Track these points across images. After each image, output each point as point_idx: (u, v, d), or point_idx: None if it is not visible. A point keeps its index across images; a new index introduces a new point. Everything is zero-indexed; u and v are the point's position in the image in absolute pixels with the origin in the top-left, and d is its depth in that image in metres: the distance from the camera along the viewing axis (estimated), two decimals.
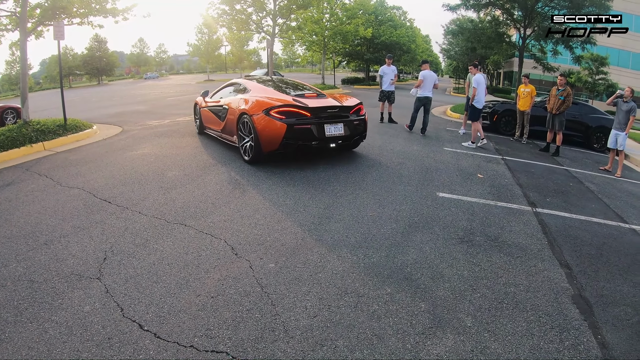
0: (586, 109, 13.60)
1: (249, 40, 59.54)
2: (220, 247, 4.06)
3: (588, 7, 27.49)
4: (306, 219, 4.85)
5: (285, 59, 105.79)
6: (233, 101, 7.78)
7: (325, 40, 32.72)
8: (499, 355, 2.82)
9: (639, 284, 4.14)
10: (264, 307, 3.13)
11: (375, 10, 47.66)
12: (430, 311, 3.24)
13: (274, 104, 6.70)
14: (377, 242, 4.37)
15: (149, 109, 16.59)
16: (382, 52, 45.23)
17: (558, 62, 35.12)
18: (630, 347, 3.11)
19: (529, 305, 3.48)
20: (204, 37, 62.53)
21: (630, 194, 7.91)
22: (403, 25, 54.97)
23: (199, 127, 10.02)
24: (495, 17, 33.88)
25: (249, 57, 70.52)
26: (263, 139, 6.68)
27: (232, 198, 5.45)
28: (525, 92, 12.08)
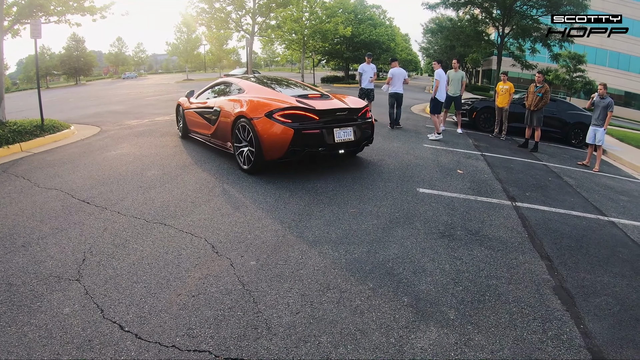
0: (564, 106, 13.90)
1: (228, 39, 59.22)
2: (200, 246, 4.02)
3: (566, 6, 28.08)
4: (287, 216, 4.83)
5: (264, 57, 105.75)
6: (226, 102, 7.03)
7: (305, 39, 32.79)
8: (483, 347, 2.84)
9: (619, 275, 4.24)
10: (245, 304, 3.10)
11: (354, 9, 47.93)
12: (413, 305, 3.26)
13: (277, 106, 6.02)
14: (358, 238, 4.37)
15: (128, 108, 16.36)
16: (361, 51, 45.45)
17: (536, 60, 35.84)
18: (612, 336, 3.18)
19: (511, 297, 3.52)
20: (182, 36, 61.95)
21: (608, 187, 8.09)
22: (382, 24, 55.43)
23: (182, 131, 9.21)
24: (474, 15, 34.37)
25: (228, 56, 70.25)
26: (266, 146, 5.97)
27: (212, 196, 5.40)
28: (504, 89, 12.26)
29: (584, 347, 2.99)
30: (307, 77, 36.05)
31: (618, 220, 6.01)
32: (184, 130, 9.12)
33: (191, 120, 8.57)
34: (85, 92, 35.19)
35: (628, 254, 4.84)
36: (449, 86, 12.26)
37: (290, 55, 40.75)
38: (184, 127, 9.04)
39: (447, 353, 2.76)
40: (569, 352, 2.91)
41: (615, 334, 3.22)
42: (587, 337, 3.12)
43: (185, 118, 8.85)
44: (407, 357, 2.70)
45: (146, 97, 22.72)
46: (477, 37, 34.04)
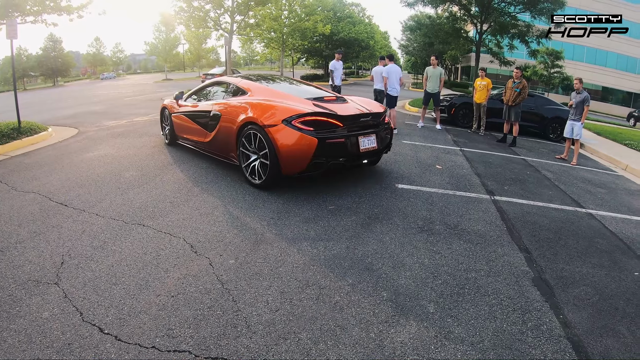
0: (542, 101, 14.16)
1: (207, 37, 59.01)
2: (179, 246, 3.99)
3: (544, 4, 28.57)
4: (265, 214, 4.82)
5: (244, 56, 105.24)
6: (228, 106, 6.25)
7: (284, 37, 32.80)
8: (463, 340, 2.87)
9: (598, 265, 4.34)
10: (225, 303, 3.09)
11: (334, 7, 48.00)
12: (392, 300, 3.27)
13: (297, 111, 5.32)
14: (337, 235, 4.38)
15: (106, 109, 16.13)
16: (341, 48, 45.54)
17: (514, 56, 36.33)
18: (592, 325, 3.24)
19: (491, 290, 3.57)
20: (161, 35, 61.35)
21: (585, 180, 8.25)
22: (362, 21, 55.67)
23: (169, 137, 8.32)
24: (453, 13, 34.72)
25: (207, 55, 69.77)
26: (285, 158, 5.25)
27: (191, 196, 5.36)
28: (482, 85, 12.42)
29: (564, 336, 3.05)
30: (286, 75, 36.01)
31: (596, 212, 6.14)
32: (171, 136, 8.25)
33: (181, 126, 7.69)
34: (63, 93, 34.60)
35: (606, 245, 4.94)
36: (427, 82, 12.37)
37: (269, 53, 40.69)
38: (172, 133, 8.21)
39: (427, 346, 2.78)
40: (549, 342, 2.95)
41: (595, 323, 3.28)
42: (566, 327, 3.18)
43: (174, 123, 8.00)
44: (387, 352, 2.71)
45: (125, 98, 22.45)
46: (455, 34, 34.43)
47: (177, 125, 7.91)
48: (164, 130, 8.68)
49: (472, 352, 2.78)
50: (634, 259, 4.67)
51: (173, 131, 8.13)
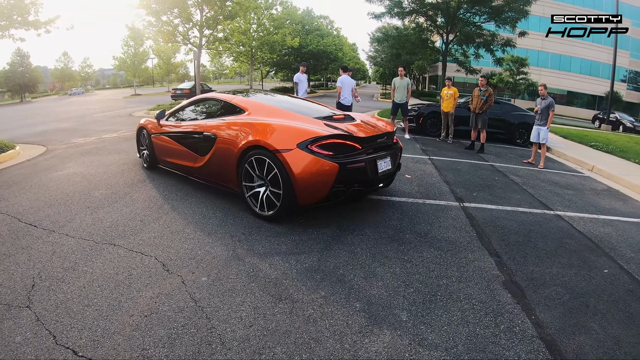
0: (508, 107, 14.54)
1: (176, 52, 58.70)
2: (151, 265, 3.93)
3: (507, 13, 29.47)
4: (237, 230, 4.79)
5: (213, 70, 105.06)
6: (224, 126, 5.63)
7: (253, 51, 32.95)
8: (437, 346, 2.91)
9: (567, 265, 4.46)
10: (198, 321, 3.06)
11: (302, 20, 48.44)
12: (365, 310, 3.29)
13: (314, 133, 4.79)
14: (309, 247, 4.39)
15: (74, 126, 15.84)
16: (310, 61, 45.91)
17: (481, 64, 37.23)
18: (564, 323, 3.34)
19: (462, 295, 3.62)
20: (130, 50, 60.55)
21: (553, 183, 8.48)
22: (330, 34, 56.35)
23: (148, 161, 7.52)
24: (419, 24, 35.49)
25: (177, 70, 69.38)
26: (302, 187, 4.69)
27: (162, 214, 5.30)
28: (449, 94, 12.69)
29: (537, 336, 3.12)
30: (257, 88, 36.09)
31: (564, 213, 6.31)
32: (150, 160, 7.44)
33: (164, 148, 6.95)
34: (31, 109, 33.84)
35: (575, 245, 5.08)
36: (395, 93, 12.58)
37: (238, 67, 40.75)
38: (152, 157, 7.40)
39: (401, 354, 2.80)
40: (522, 343, 3.02)
41: (567, 321, 3.38)
42: (539, 327, 3.26)
43: (154, 145, 7.22)
44: None
45: (93, 114, 22.11)
46: (422, 45, 35.16)
47: (158, 148, 7.15)
48: (141, 153, 7.91)
49: (446, 357, 2.81)
50: (602, 257, 4.82)
51: (153, 154, 7.34)
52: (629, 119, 34.61)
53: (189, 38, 23.62)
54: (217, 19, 23.29)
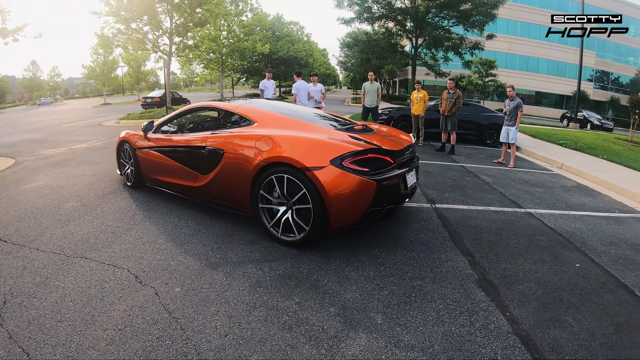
0: (477, 109, 14.81)
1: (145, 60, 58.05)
2: (123, 277, 3.86)
3: (475, 16, 30.10)
4: (209, 239, 4.75)
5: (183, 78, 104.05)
6: (231, 139, 5.04)
7: (223, 58, 32.78)
8: (413, 346, 2.92)
9: (539, 261, 4.55)
10: (173, 333, 3.02)
11: (272, 26, 48.58)
12: (340, 314, 3.29)
13: (348, 148, 4.31)
14: (282, 254, 4.37)
15: (44, 137, 15.47)
16: (280, 67, 46.05)
17: (450, 67, 37.89)
18: (538, 318, 3.40)
19: (437, 295, 3.65)
20: (99, 58, 59.54)
21: (523, 181, 8.65)
22: (300, 40, 56.75)
23: (132, 178, 6.79)
24: (389, 28, 36.00)
25: (147, 78, 68.66)
26: (337, 209, 4.21)
27: (133, 225, 5.21)
28: (418, 98, 12.86)
29: (512, 332, 3.17)
30: (226, 96, 35.92)
31: (535, 211, 6.43)
32: (136, 178, 6.73)
33: (153, 165, 6.28)
34: None
35: (546, 241, 5.18)
36: (365, 97, 12.71)
37: (209, 74, 40.55)
38: (137, 174, 6.68)
39: (378, 357, 2.81)
40: (497, 340, 3.06)
41: (541, 316, 3.44)
42: (514, 323, 3.31)
43: (141, 161, 6.53)
44: None
45: (63, 124, 21.65)
46: (392, 49, 35.67)
47: (145, 164, 6.45)
48: (123, 170, 7.09)
49: (423, 357, 2.82)
50: (574, 251, 4.93)
51: (139, 172, 6.61)
52: (596, 117, 35.74)
53: (159, 45, 23.47)
54: (187, 26, 23.24)
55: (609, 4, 51.38)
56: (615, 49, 56.68)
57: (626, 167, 11.03)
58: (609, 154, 13.11)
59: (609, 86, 57.32)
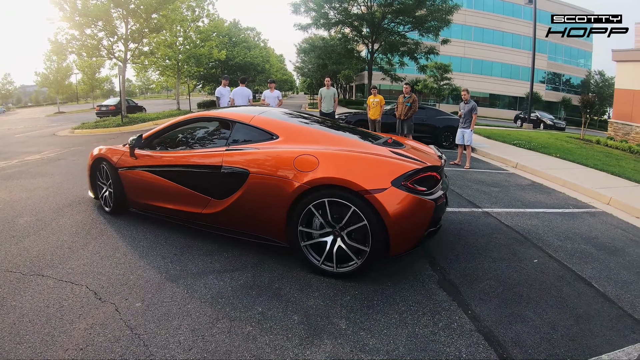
0: (432, 112, 15.19)
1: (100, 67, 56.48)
2: (82, 294, 3.72)
3: (430, 22, 30.85)
4: (169, 251, 4.64)
5: (139, 85, 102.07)
6: (260, 157, 4.38)
7: (179, 64, 32.25)
8: (378, 350, 2.95)
9: (498, 259, 4.68)
10: (136, 349, 2.94)
11: (229, 32, 48.22)
12: (304, 322, 3.28)
13: (409, 167, 3.96)
14: (242, 264, 4.32)
15: None
16: (237, 73, 45.63)
17: (405, 72, 38.62)
18: (500, 314, 3.50)
19: (399, 298, 3.70)
20: (53, 65, 57.28)
21: (479, 181, 8.88)
22: (257, 45, 56.66)
23: (111, 202, 5.85)
24: (345, 34, 36.43)
25: (101, 86, 66.75)
26: (399, 234, 3.82)
27: (90, 239, 5.03)
28: (375, 102, 13.05)
29: (475, 330, 3.24)
30: (183, 103, 35.40)
31: (492, 210, 6.61)
32: (117, 202, 5.80)
33: (145, 187, 5.42)
34: None
35: (504, 239, 5.33)
36: (322, 103, 12.80)
37: (165, 81, 39.77)
38: (119, 198, 5.76)
39: None
40: (461, 338, 3.12)
41: (502, 312, 3.54)
42: (476, 320, 3.38)
43: (124, 183, 5.65)
44: None
45: (15, 134, 20.80)
46: (348, 55, 36.16)
47: (132, 187, 5.60)
48: (99, 193, 6.18)
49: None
50: (531, 248, 5.09)
51: (122, 195, 5.74)
52: (548, 117, 37.14)
53: (114, 52, 22.96)
54: (142, 32, 22.84)
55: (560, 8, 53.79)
56: (567, 52, 59.44)
57: (579, 164, 11.48)
58: (562, 152, 13.60)
59: (560, 87, 59.94)
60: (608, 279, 4.37)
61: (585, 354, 3.06)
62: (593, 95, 34.92)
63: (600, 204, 7.60)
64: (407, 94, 12.09)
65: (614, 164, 12.33)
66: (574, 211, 7.00)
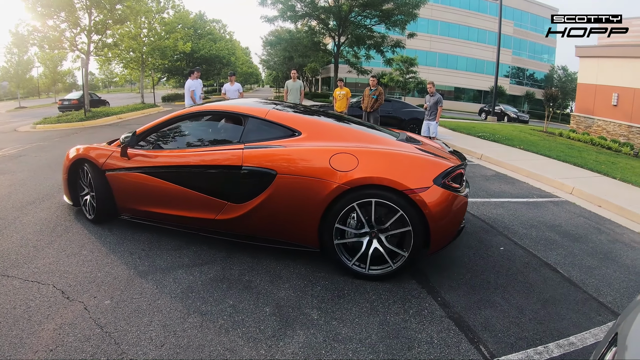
0: (398, 105, 15.38)
1: (62, 59, 54.82)
2: (49, 294, 3.61)
3: (397, 16, 31.09)
4: (136, 247, 4.55)
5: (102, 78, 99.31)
6: (286, 157, 4.03)
7: (144, 57, 31.54)
8: (351, 338, 2.98)
9: (465, 247, 4.79)
10: (107, 348, 2.88)
11: (194, 24, 47.47)
12: (276, 313, 3.29)
13: (446, 165, 3.94)
14: (211, 257, 4.29)
15: None
16: (202, 66, 45.05)
17: (371, 65, 38.86)
18: (469, 300, 3.60)
19: (369, 287, 3.74)
20: (13, 58, 55.01)
21: None
22: (223, 38, 56.00)
23: (97, 210, 5.12)
24: (312, 27, 36.39)
25: (64, 79, 64.79)
26: (440, 232, 3.80)
27: (55, 237, 4.87)
28: (341, 95, 13.07)
29: (445, 316, 3.33)
30: (147, 97, 34.73)
31: None
32: (102, 209, 5.10)
33: (141, 191, 4.80)
34: None
35: (471, 228, 5.44)
36: (288, 96, 12.76)
37: (129, 74, 38.87)
38: (104, 204, 5.06)
39: (317, 352, 2.84)
40: (432, 324, 3.20)
41: (471, 298, 3.64)
42: (446, 307, 3.47)
43: (114, 187, 4.97)
44: None
45: None
46: (314, 48, 36.13)
47: (124, 191, 4.95)
48: (80, 199, 5.49)
49: (362, 348, 2.89)
50: (497, 235, 5.23)
51: (110, 201, 5.06)
52: (512, 110, 38.05)
53: (77, 44, 22.27)
54: (106, 24, 22.24)
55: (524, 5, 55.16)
56: (531, 47, 61.01)
57: (542, 155, 11.79)
58: (526, 144, 13.94)
59: (524, 82, 61.47)
60: (573, 265, 4.53)
61: (553, 337, 3.17)
62: (556, 89, 36.02)
63: (563, 194, 7.83)
64: (374, 87, 12.18)
65: (577, 155, 12.74)
66: (538, 200, 7.20)
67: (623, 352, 1.58)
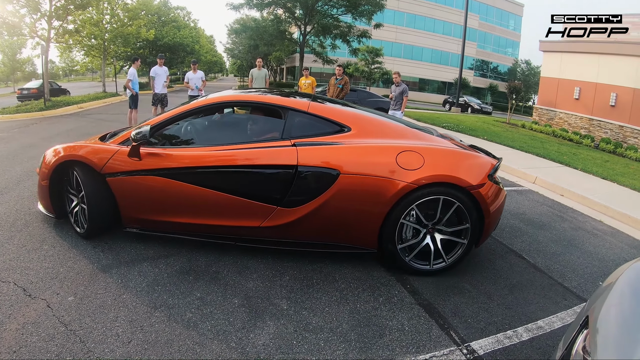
0: (364, 94, 15.54)
1: (22, 47, 52.80)
2: (10, 292, 3.44)
3: (364, 6, 31.18)
4: (99, 240, 4.37)
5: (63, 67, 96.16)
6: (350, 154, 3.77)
7: (106, 44, 30.65)
8: (322, 327, 2.98)
9: None
10: (73, 347, 2.77)
11: (158, 11, 46.43)
12: (244, 305, 3.25)
13: (494, 161, 4.05)
14: (176, 249, 4.20)
15: None
16: (166, 54, 44.15)
17: (337, 55, 38.89)
18: (437, 287, 3.68)
19: (338, 276, 3.75)
20: None
21: None
22: (187, 25, 54.94)
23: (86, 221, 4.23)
24: (278, 15, 36.17)
25: (23, 67, 62.35)
26: (492, 224, 3.91)
27: (15, 232, 4.64)
28: (306, 84, 13.03)
29: (415, 303, 3.38)
30: (109, 86, 33.77)
31: None
32: (98, 220, 4.24)
33: (162, 197, 4.04)
34: None
35: None
36: (253, 84, 12.67)
37: (90, 62, 37.73)
38: (103, 214, 4.24)
39: (289, 342, 2.82)
40: (402, 311, 3.24)
41: (440, 285, 3.71)
42: (415, 294, 3.52)
43: (119, 193, 4.13)
44: (251, 357, 2.69)
45: None
46: (280, 36, 35.98)
47: (138, 198, 4.13)
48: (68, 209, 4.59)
49: (333, 337, 2.89)
50: None
51: (111, 211, 4.26)
52: (476, 102, 38.70)
53: (37, 31, 21.41)
54: (67, 9, 21.39)
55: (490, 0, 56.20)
56: (495, 41, 62.32)
57: (505, 145, 12.06)
58: (489, 134, 14.24)
59: (488, 74, 62.79)
60: (538, 252, 4.67)
61: (522, 321, 3.26)
62: (519, 82, 36.82)
63: (526, 183, 8.03)
64: (339, 76, 12.15)
65: (539, 146, 13.08)
66: None
67: (595, 335, 1.61)
